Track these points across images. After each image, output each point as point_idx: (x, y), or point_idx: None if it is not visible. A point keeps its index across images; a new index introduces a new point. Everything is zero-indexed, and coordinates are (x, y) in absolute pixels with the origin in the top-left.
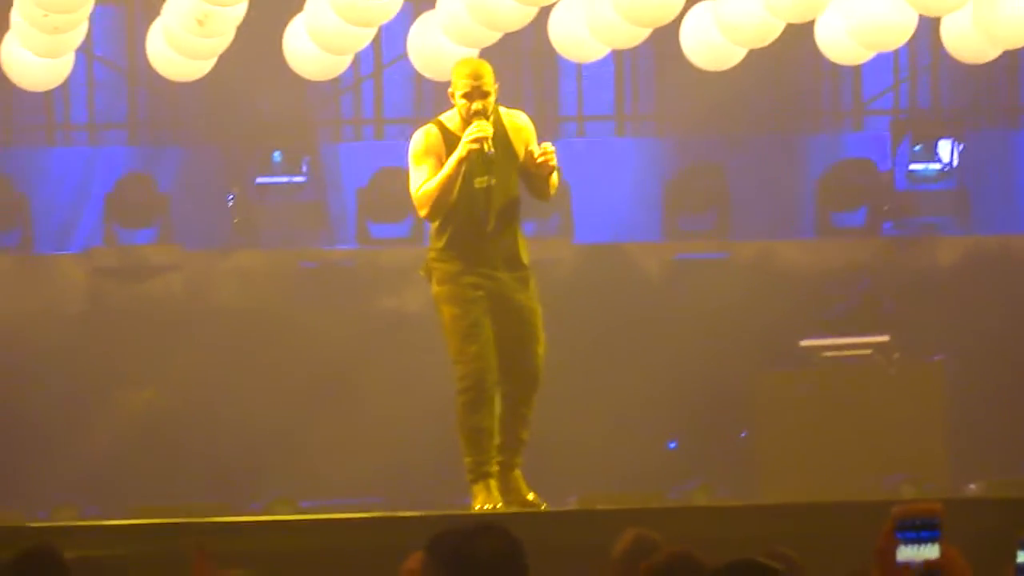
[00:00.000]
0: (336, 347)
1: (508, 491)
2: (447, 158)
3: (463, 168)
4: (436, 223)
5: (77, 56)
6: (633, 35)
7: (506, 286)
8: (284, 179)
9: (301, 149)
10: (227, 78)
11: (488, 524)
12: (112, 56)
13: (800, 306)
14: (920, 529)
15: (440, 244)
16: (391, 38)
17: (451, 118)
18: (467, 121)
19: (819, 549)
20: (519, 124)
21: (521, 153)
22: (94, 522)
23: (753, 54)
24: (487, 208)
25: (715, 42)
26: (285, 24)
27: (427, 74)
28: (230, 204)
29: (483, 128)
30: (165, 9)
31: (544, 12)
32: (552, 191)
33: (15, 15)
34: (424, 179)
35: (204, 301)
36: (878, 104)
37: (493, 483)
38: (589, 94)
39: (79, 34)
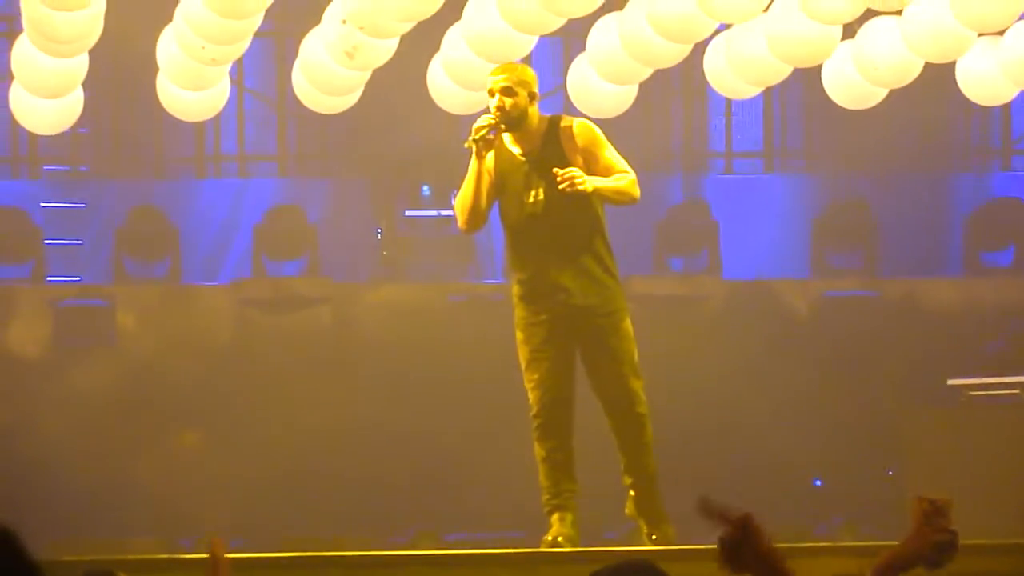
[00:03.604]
0: (485, 380)
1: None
2: (496, 172)
3: (480, 170)
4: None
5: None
6: (777, 72)
7: (577, 308)
8: (433, 213)
9: (450, 183)
10: (377, 111)
11: (638, 562)
12: (262, 88)
13: (948, 345)
14: None
15: (508, 267)
16: (541, 73)
17: None
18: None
19: None
20: (573, 132)
21: (577, 164)
22: (239, 554)
23: (901, 92)
24: (541, 225)
25: (855, 81)
26: (432, 55)
27: (588, 112)
28: (379, 237)
29: (481, 120)
30: (307, 42)
31: (694, 48)
32: (621, 198)
33: (163, 47)
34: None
35: (352, 334)
36: None
37: (568, 516)
38: (738, 130)
39: (227, 66)
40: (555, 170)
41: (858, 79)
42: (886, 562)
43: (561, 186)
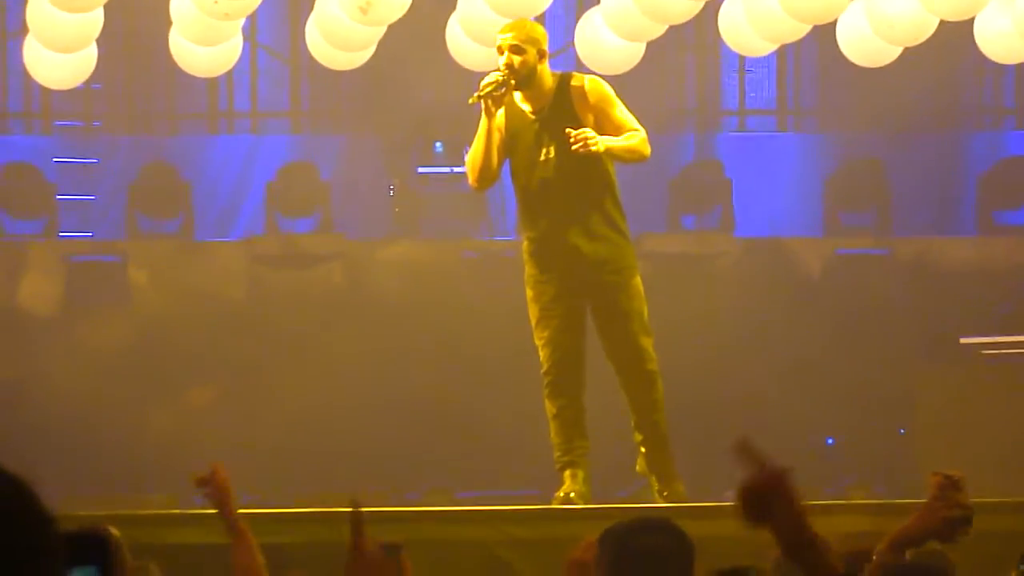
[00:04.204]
0: (498, 338)
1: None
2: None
3: (490, 128)
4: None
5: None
6: (794, 29)
7: (587, 265)
8: (446, 169)
9: (463, 139)
10: (390, 68)
11: (655, 519)
12: (275, 44)
13: (961, 304)
14: None
15: (519, 225)
16: (552, 30)
17: None
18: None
19: (975, 548)
20: (584, 90)
21: (588, 122)
22: (251, 510)
23: (915, 51)
24: (552, 183)
25: (869, 39)
26: (448, 12)
27: (595, 68)
28: (391, 194)
29: (488, 77)
30: None
31: (708, 5)
32: (632, 157)
33: (176, 4)
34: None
35: (365, 290)
36: None
37: (580, 473)
38: (751, 88)
39: (240, 21)
40: (568, 130)
41: (873, 37)
42: (900, 535)
43: (574, 147)
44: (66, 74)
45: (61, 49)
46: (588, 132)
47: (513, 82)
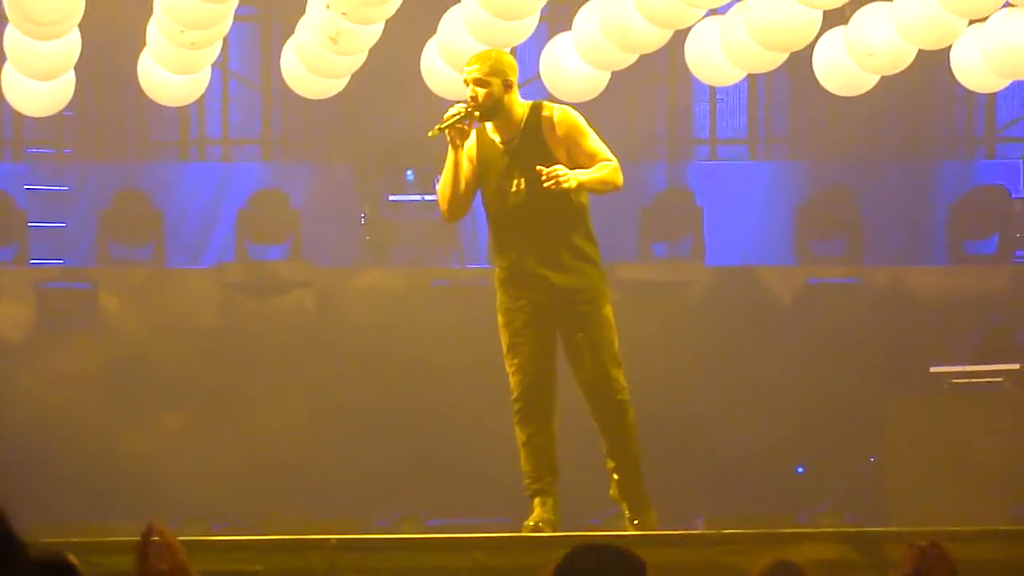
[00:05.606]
0: (468, 365)
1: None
2: (477, 160)
3: (457, 159)
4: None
5: (212, 72)
6: (769, 59)
7: (557, 294)
8: (416, 197)
9: (434, 168)
10: (361, 96)
11: (609, 545)
12: (247, 72)
13: (931, 332)
14: None
15: (490, 253)
16: (522, 60)
17: None
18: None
19: None
20: (554, 123)
21: (559, 152)
22: (223, 537)
23: (887, 80)
24: (524, 213)
25: (847, 68)
26: (419, 42)
27: (559, 95)
28: (362, 222)
29: (451, 110)
30: (299, 27)
31: (678, 35)
32: (605, 188)
33: (151, 32)
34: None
35: (335, 318)
36: (1011, 131)
37: (549, 501)
38: (722, 117)
39: (213, 51)
40: (538, 168)
41: (851, 66)
42: None
43: (546, 184)
44: (45, 102)
45: (39, 77)
46: (559, 169)
47: (477, 114)
